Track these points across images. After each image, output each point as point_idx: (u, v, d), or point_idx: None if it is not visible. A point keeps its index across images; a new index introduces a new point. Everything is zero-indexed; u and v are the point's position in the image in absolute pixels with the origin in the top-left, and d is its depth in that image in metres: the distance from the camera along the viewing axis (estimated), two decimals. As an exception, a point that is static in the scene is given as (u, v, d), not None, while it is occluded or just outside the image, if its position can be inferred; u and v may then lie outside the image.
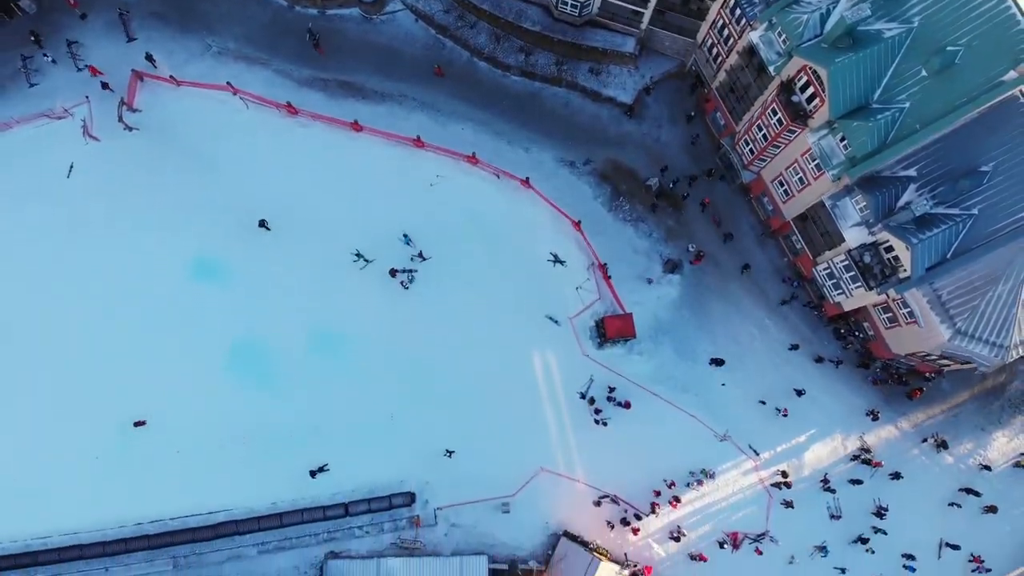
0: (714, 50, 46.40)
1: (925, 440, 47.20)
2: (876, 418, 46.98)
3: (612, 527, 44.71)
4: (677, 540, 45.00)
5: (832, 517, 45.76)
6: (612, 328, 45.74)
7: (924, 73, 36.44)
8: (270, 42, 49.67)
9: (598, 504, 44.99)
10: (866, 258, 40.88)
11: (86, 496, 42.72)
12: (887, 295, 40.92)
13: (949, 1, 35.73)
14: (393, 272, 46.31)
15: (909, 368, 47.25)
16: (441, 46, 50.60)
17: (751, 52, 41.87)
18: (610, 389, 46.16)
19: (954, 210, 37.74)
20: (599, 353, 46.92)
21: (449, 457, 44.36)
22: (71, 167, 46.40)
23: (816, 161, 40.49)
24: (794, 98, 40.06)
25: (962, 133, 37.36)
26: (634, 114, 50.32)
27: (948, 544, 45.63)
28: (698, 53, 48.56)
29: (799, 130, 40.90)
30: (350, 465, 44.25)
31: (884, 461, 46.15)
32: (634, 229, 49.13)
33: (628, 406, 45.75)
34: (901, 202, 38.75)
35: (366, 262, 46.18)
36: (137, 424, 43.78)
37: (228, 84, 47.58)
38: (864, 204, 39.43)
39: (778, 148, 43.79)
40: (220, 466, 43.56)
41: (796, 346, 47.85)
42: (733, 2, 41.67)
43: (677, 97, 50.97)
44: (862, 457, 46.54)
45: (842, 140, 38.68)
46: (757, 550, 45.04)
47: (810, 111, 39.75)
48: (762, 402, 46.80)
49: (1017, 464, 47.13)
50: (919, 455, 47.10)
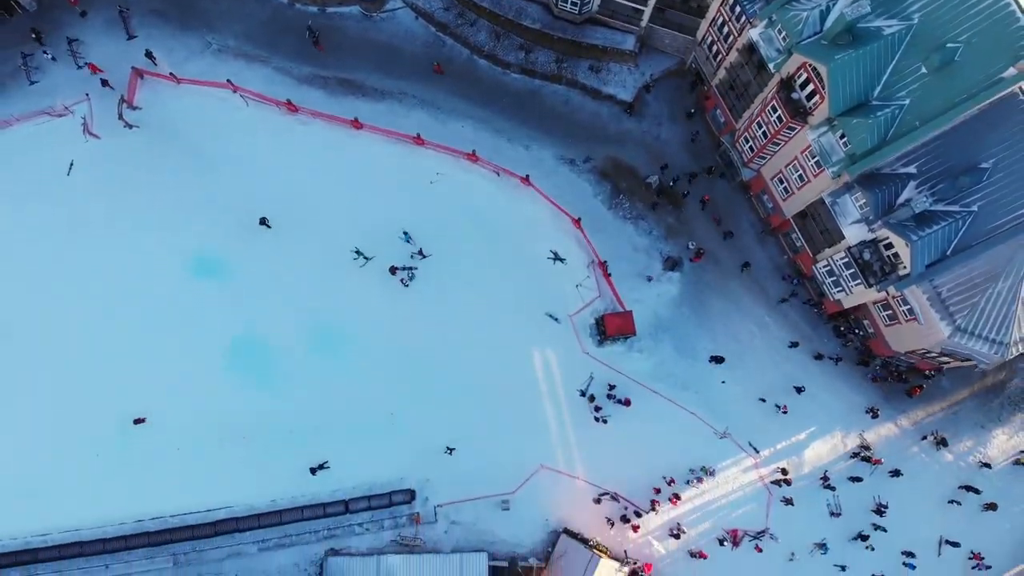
0: (714, 47, 46.40)
1: (925, 437, 47.21)
2: (876, 415, 47.01)
3: (612, 524, 44.72)
4: (677, 537, 45.02)
5: (832, 514, 45.76)
6: (612, 326, 45.76)
7: (924, 70, 36.46)
8: (270, 40, 49.72)
9: (598, 501, 45.02)
10: (866, 255, 40.89)
11: (86, 493, 42.77)
12: (887, 292, 40.95)
13: (949, -3, 35.79)
14: (393, 270, 46.37)
15: (909, 365, 47.26)
16: (441, 44, 50.62)
17: (751, 49, 41.90)
18: (610, 387, 46.17)
19: (954, 207, 37.80)
20: (599, 351, 46.95)
21: (449, 454, 44.41)
22: (71, 165, 46.46)
23: (816, 158, 40.50)
24: (794, 95, 40.06)
25: (962, 130, 37.40)
26: (634, 112, 50.32)
27: (948, 541, 45.65)
28: (698, 51, 48.56)
29: (799, 127, 40.92)
30: (350, 462, 44.29)
31: (884, 458, 46.17)
32: (634, 227, 49.15)
33: (628, 403, 45.77)
34: (901, 199, 38.78)
35: (365, 260, 46.24)
36: (137, 421, 43.83)
37: (228, 82, 47.60)
38: (864, 201, 39.43)
39: (778, 145, 43.80)
40: (220, 463, 43.62)
41: (796, 344, 47.86)
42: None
43: (677, 95, 50.97)
44: (862, 454, 46.54)
45: (842, 137, 38.66)
46: (757, 547, 45.04)
47: (810, 108, 39.76)
48: (762, 400, 46.83)
49: (1017, 462, 47.13)
50: (919, 452, 47.12)
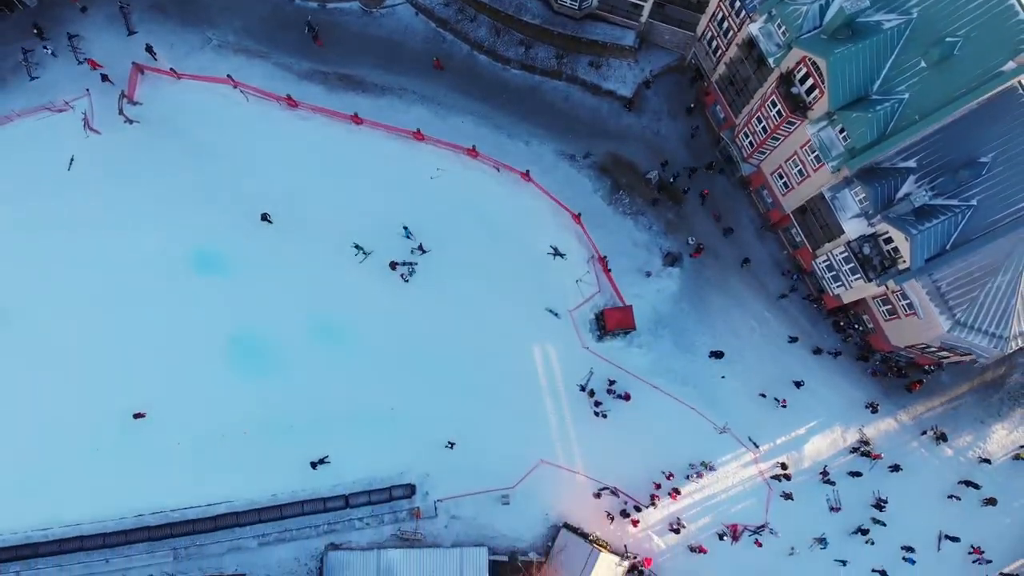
0: (714, 43, 46.46)
1: (924, 433, 47.24)
2: (875, 411, 47.04)
3: (612, 519, 44.77)
4: (677, 532, 45.05)
5: (832, 509, 45.77)
6: (612, 320, 45.80)
7: (923, 64, 36.50)
8: (270, 35, 49.81)
9: (598, 496, 45.04)
10: (865, 250, 40.94)
11: (86, 488, 42.81)
12: (886, 287, 41.00)
13: (948, -8, 35.85)
14: (393, 265, 46.44)
15: (908, 361, 47.28)
16: (441, 39, 50.67)
17: (750, 44, 41.95)
18: (610, 382, 46.19)
19: (953, 201, 37.82)
20: (599, 346, 46.99)
21: (450, 449, 44.44)
22: (72, 160, 46.53)
23: (815, 153, 40.54)
24: (793, 90, 40.13)
25: (961, 124, 37.40)
26: (634, 107, 50.37)
27: (948, 536, 45.66)
28: (698, 46, 48.61)
29: (798, 122, 40.98)
30: (351, 457, 44.33)
31: (883, 453, 46.20)
32: (634, 222, 49.20)
33: (628, 398, 45.82)
34: (900, 193, 38.80)
35: (365, 255, 46.33)
36: (137, 416, 43.84)
37: (228, 77, 47.64)
38: (863, 195, 39.46)
39: (777, 140, 43.86)
40: (220, 458, 43.64)
41: (795, 339, 47.88)
42: (733, -6, 41.86)
43: (677, 90, 51.03)
44: (861, 449, 46.57)
45: (841, 131, 38.72)
46: (757, 542, 45.07)
47: (809, 103, 39.81)
48: (762, 395, 46.85)
49: (1016, 456, 47.13)
50: (918, 447, 47.16)
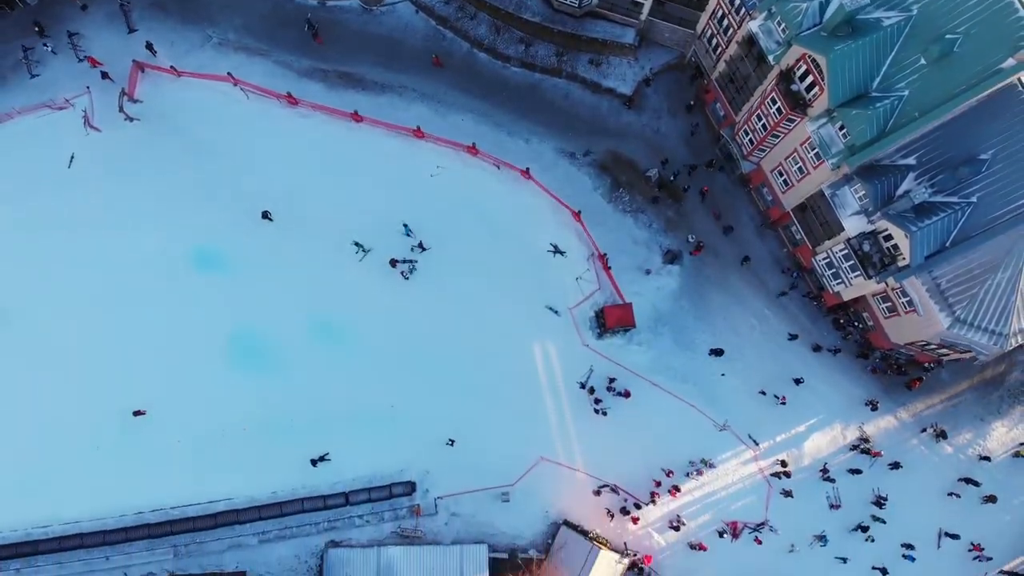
0: (714, 40, 46.47)
1: (924, 430, 47.27)
2: (875, 408, 47.04)
3: (612, 516, 44.78)
4: (677, 529, 45.06)
5: (831, 506, 45.79)
6: (612, 317, 45.81)
7: (923, 61, 36.51)
8: (270, 33, 49.83)
9: (598, 493, 45.06)
10: (865, 247, 40.95)
11: (87, 485, 42.74)
12: (886, 284, 41.01)
13: (947, -11, 35.86)
14: (393, 262, 46.43)
15: (908, 358, 47.28)
16: (441, 37, 50.69)
17: (750, 42, 41.94)
18: (610, 379, 46.21)
19: (953, 198, 37.82)
20: (599, 343, 47.01)
21: (450, 446, 44.42)
22: (72, 157, 46.53)
23: (815, 150, 40.56)
24: (793, 87, 40.17)
25: (961, 121, 37.41)
26: (634, 105, 50.38)
27: (947, 534, 45.66)
28: (698, 44, 48.62)
29: (798, 119, 40.99)
30: (351, 454, 44.32)
31: (883, 451, 46.23)
32: (634, 220, 49.21)
33: (628, 396, 45.83)
34: (900, 190, 38.82)
35: (364, 252, 46.33)
36: (137, 414, 43.82)
37: (229, 75, 47.66)
38: (863, 193, 39.47)
39: (777, 138, 43.87)
40: (221, 455, 43.59)
41: (795, 336, 47.90)
42: (732, -8, 41.89)
43: (677, 88, 51.04)
44: (861, 447, 46.59)
45: (841, 128, 38.74)
46: (757, 539, 45.08)
47: (809, 100, 39.84)
48: (762, 392, 46.83)
49: (1016, 454, 47.15)
50: (918, 445, 47.17)
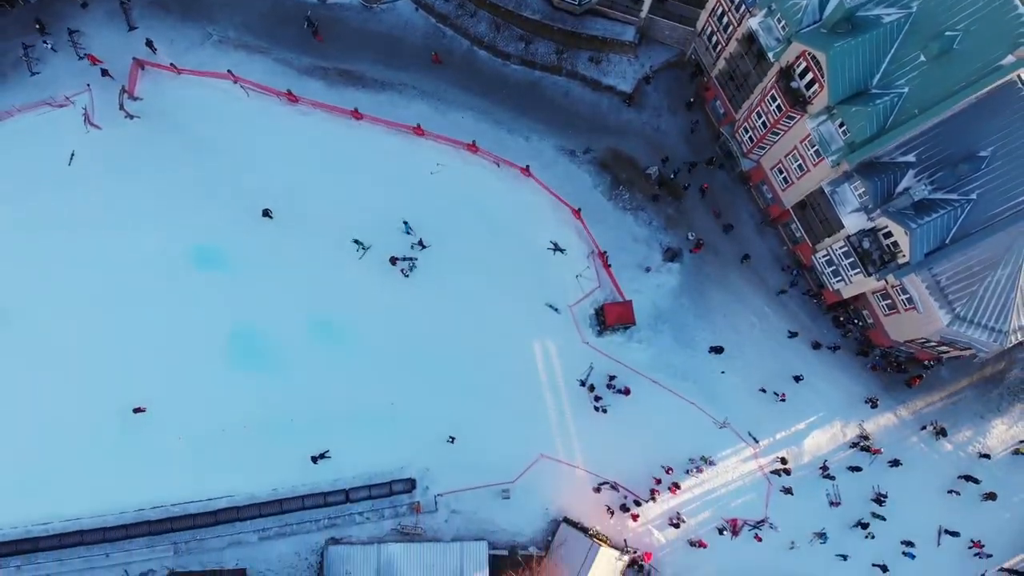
0: (713, 38, 46.47)
1: (924, 427, 47.32)
2: (875, 405, 47.09)
3: (612, 513, 44.83)
4: (676, 526, 45.11)
5: (831, 504, 45.86)
6: (612, 314, 45.83)
7: (923, 58, 36.52)
8: (270, 31, 49.76)
9: (598, 490, 45.12)
10: (865, 244, 40.96)
11: (87, 482, 42.79)
12: (886, 281, 41.02)
13: (947, -14, 35.86)
14: (393, 260, 46.45)
15: (908, 356, 47.33)
16: (441, 35, 50.67)
17: (750, 39, 41.95)
18: (610, 376, 46.24)
19: (953, 195, 37.83)
20: (599, 341, 47.04)
21: (451, 443, 44.48)
22: (72, 155, 46.52)
23: (815, 147, 40.56)
24: (793, 84, 40.15)
25: (961, 118, 37.44)
26: (634, 103, 50.39)
27: (947, 531, 45.75)
28: (698, 41, 48.63)
29: (798, 116, 40.99)
30: (351, 451, 44.37)
31: (883, 448, 46.28)
32: (634, 217, 49.24)
33: (628, 393, 45.85)
34: (900, 187, 38.84)
35: (364, 250, 46.34)
36: (137, 411, 43.85)
37: (229, 72, 47.66)
38: (863, 190, 39.51)
39: (777, 135, 43.88)
40: (221, 453, 43.65)
41: (795, 334, 47.94)
42: (732, -11, 41.91)
43: (677, 86, 51.03)
44: (861, 444, 46.63)
45: (841, 126, 38.75)
46: (756, 536, 45.16)
47: (809, 97, 39.84)
48: (761, 390, 46.89)
49: (1016, 451, 47.18)
50: (918, 442, 47.21)
